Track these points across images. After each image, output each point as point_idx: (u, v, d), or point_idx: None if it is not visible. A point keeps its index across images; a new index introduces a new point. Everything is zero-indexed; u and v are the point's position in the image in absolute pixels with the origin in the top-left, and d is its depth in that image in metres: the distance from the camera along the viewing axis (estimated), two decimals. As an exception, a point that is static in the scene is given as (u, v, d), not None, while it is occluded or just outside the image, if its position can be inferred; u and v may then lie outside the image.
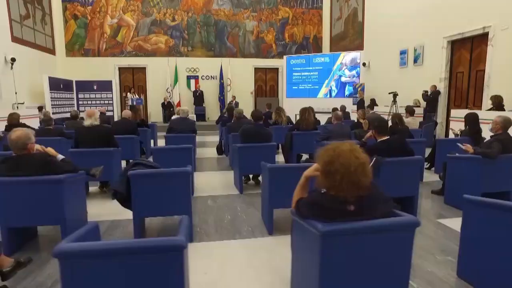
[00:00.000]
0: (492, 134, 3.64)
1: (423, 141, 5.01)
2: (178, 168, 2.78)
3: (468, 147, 3.75)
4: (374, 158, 3.21)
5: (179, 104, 13.58)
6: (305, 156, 5.93)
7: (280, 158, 6.32)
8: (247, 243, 2.91)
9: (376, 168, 3.22)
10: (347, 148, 1.56)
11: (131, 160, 3.06)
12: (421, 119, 8.04)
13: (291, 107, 10.53)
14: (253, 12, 14.01)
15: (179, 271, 1.42)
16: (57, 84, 11.06)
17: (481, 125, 4.82)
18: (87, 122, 4.05)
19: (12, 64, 9.03)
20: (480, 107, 7.11)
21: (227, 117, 7.43)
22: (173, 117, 7.71)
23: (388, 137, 3.35)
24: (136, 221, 2.81)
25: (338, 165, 1.51)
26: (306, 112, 5.79)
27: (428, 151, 5.66)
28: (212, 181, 5.01)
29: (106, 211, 3.67)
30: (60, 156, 2.87)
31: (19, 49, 9.71)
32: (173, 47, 13.49)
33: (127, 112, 5.76)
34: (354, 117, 8.46)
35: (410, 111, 6.31)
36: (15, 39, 9.59)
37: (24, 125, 6.19)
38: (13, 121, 5.89)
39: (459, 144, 3.91)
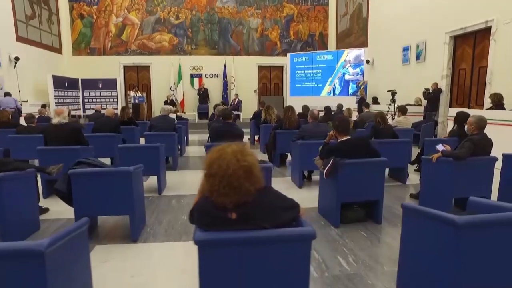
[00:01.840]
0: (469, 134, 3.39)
1: (407, 141, 4.74)
2: (119, 168, 2.72)
3: (447, 148, 3.52)
4: (332, 159, 3.05)
5: (182, 102, 13.66)
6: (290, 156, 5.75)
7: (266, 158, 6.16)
8: (190, 246, 2.79)
9: (334, 170, 3.05)
10: (232, 150, 1.43)
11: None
12: (417, 118, 7.69)
13: (295, 106, 10.26)
14: (257, 9, 13.85)
15: (40, 277, 1.34)
16: (62, 83, 11.34)
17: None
18: (55, 120, 4.05)
19: (15, 63, 9.30)
20: (482, 106, 6.71)
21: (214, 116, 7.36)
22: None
23: (349, 137, 3.17)
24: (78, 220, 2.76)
25: (216, 167, 1.39)
26: (289, 110, 5.64)
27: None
28: (189, 180, 4.93)
29: (69, 209, 3.66)
30: None
31: (24, 49, 9.99)
32: (177, 45, 13.55)
33: (110, 110, 5.79)
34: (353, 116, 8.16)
35: (402, 110, 6.03)
36: (20, 39, 9.88)
37: (17, 123, 6.40)
38: (3, 118, 6.05)
39: (437, 146, 3.67)
